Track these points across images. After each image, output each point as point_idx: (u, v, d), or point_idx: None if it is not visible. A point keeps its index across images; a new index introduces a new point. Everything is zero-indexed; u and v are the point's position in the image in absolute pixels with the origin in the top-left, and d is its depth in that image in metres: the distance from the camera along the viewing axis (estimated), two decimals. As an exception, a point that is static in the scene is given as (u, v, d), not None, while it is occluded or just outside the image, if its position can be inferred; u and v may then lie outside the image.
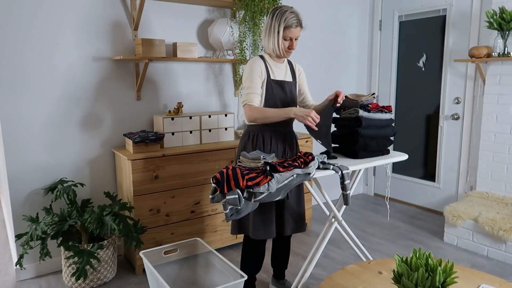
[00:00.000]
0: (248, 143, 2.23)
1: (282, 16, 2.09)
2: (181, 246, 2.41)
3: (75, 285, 2.52)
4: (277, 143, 2.23)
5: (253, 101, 2.13)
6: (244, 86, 2.18)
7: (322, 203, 2.28)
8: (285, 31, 2.11)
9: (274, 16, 2.11)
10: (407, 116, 4.16)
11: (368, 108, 2.28)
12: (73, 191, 2.56)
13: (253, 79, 2.14)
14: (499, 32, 3.06)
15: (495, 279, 1.71)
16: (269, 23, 2.13)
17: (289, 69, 2.31)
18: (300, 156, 1.99)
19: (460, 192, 3.75)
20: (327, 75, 4.12)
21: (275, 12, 2.12)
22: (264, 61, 2.20)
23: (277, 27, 2.10)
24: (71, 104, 2.74)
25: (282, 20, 2.09)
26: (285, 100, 2.23)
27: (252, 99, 2.13)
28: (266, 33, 2.16)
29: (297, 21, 2.12)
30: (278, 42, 2.13)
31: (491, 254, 2.99)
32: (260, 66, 2.16)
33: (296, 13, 2.12)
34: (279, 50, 2.15)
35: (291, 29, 2.11)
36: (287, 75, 2.28)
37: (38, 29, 2.55)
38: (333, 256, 3.01)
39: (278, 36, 2.11)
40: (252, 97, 2.13)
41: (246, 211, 1.91)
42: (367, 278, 1.73)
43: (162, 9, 3.01)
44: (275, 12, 2.12)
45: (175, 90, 3.16)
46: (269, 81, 2.18)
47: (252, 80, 2.14)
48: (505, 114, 3.19)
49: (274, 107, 2.18)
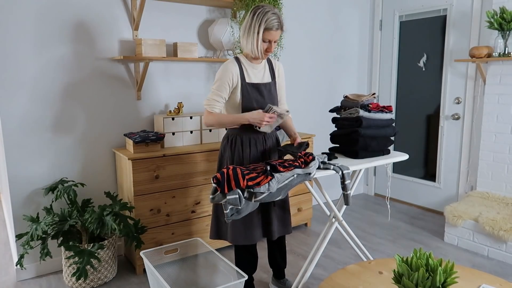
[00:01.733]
0: (227, 146, 2.21)
1: (264, 16, 1.99)
2: (181, 246, 2.41)
3: (76, 285, 2.52)
4: (256, 146, 2.18)
5: (213, 107, 2.11)
6: (211, 88, 2.14)
7: (322, 203, 2.28)
8: (264, 33, 2.02)
9: (255, 15, 2.01)
10: (408, 116, 4.16)
11: (369, 108, 2.29)
12: (73, 191, 2.56)
13: (220, 85, 2.10)
14: (500, 32, 3.06)
15: (495, 279, 1.71)
16: (249, 22, 2.04)
17: (268, 68, 2.23)
18: (301, 156, 1.99)
19: (460, 192, 3.74)
20: (328, 75, 4.11)
21: (256, 11, 2.02)
22: (240, 63, 2.14)
23: (257, 27, 2.01)
24: (72, 104, 2.74)
25: (263, 21, 1.99)
26: (262, 102, 2.16)
27: (213, 105, 2.11)
28: (245, 32, 2.07)
29: (278, 24, 2.03)
30: (257, 43, 2.04)
31: (491, 254, 2.99)
32: (232, 72, 2.10)
33: (278, 14, 2.03)
34: (257, 51, 2.06)
35: (271, 31, 2.02)
36: (265, 76, 2.21)
37: (37, 29, 2.56)
38: (333, 256, 3.01)
39: (258, 37, 2.02)
40: (213, 104, 2.11)
41: (246, 211, 1.91)
42: (367, 278, 1.73)
43: (162, 9, 3.01)
44: (257, 11, 2.02)
45: (176, 90, 3.16)
46: (244, 84, 2.12)
47: (220, 86, 2.10)
48: (506, 114, 3.19)
49: (251, 110, 2.12)
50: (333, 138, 2.42)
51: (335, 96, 4.20)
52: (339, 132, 2.39)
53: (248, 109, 2.13)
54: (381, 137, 2.34)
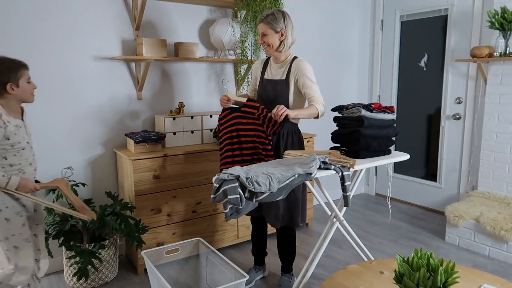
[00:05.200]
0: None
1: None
2: (182, 246, 2.41)
3: (77, 285, 2.53)
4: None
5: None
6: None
7: (323, 203, 2.28)
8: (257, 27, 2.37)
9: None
10: (409, 116, 4.15)
11: (371, 108, 2.28)
12: (74, 190, 2.56)
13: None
14: (501, 32, 3.05)
15: (496, 279, 1.71)
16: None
17: (286, 68, 2.36)
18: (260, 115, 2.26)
19: (461, 192, 3.74)
20: (329, 75, 4.11)
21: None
22: (267, 61, 2.48)
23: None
24: (72, 103, 2.74)
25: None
26: (266, 96, 2.39)
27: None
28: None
29: (263, 17, 2.29)
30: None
31: (492, 254, 2.98)
32: (254, 66, 2.54)
33: (272, 12, 2.28)
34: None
35: (258, 24, 2.33)
36: (278, 73, 2.38)
37: (38, 29, 2.56)
38: (334, 256, 3.01)
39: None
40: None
41: (246, 211, 1.92)
42: (368, 278, 1.73)
43: (163, 9, 3.01)
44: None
45: (177, 90, 3.16)
46: (261, 78, 2.46)
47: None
48: (507, 114, 3.18)
49: (260, 102, 2.37)
50: (334, 138, 2.42)
51: (336, 96, 4.20)
52: (340, 131, 2.39)
53: (259, 101, 2.44)
54: (383, 137, 2.33)
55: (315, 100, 2.27)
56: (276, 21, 2.25)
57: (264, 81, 2.41)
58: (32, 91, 1.96)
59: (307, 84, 2.30)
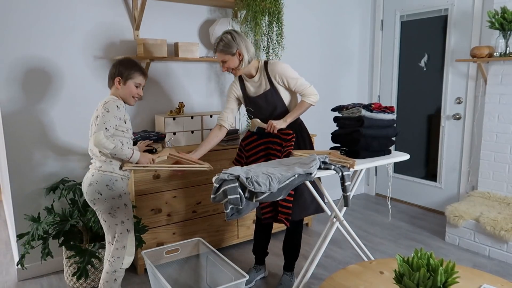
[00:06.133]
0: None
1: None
2: (182, 246, 2.41)
3: (77, 285, 2.53)
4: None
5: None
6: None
7: (323, 203, 2.28)
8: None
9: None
10: (409, 116, 4.15)
11: (371, 108, 2.28)
12: (79, 189, 2.56)
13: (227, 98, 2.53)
14: (501, 32, 3.05)
15: (496, 279, 1.71)
16: None
17: (264, 76, 2.37)
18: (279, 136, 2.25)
19: (461, 192, 3.74)
20: (329, 75, 4.11)
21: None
22: (241, 79, 2.46)
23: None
24: (72, 103, 2.74)
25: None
26: (264, 110, 2.40)
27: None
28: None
29: (214, 47, 2.32)
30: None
31: (492, 254, 2.98)
32: (232, 88, 2.48)
33: (219, 38, 2.28)
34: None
35: (214, 55, 2.35)
36: (260, 86, 2.38)
37: (39, 29, 2.56)
38: (334, 256, 3.01)
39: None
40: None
41: (246, 211, 1.92)
42: (368, 278, 1.73)
43: (163, 9, 3.01)
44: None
45: (177, 90, 3.16)
46: (246, 97, 2.45)
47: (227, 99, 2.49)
48: (507, 114, 3.18)
49: (259, 118, 2.40)
50: (334, 138, 2.42)
51: (336, 96, 4.20)
52: (340, 131, 2.39)
53: (256, 117, 2.46)
54: (383, 137, 2.33)
55: (305, 93, 2.37)
56: (228, 45, 2.25)
57: (251, 99, 2.41)
58: (135, 94, 2.09)
59: (292, 83, 2.36)
